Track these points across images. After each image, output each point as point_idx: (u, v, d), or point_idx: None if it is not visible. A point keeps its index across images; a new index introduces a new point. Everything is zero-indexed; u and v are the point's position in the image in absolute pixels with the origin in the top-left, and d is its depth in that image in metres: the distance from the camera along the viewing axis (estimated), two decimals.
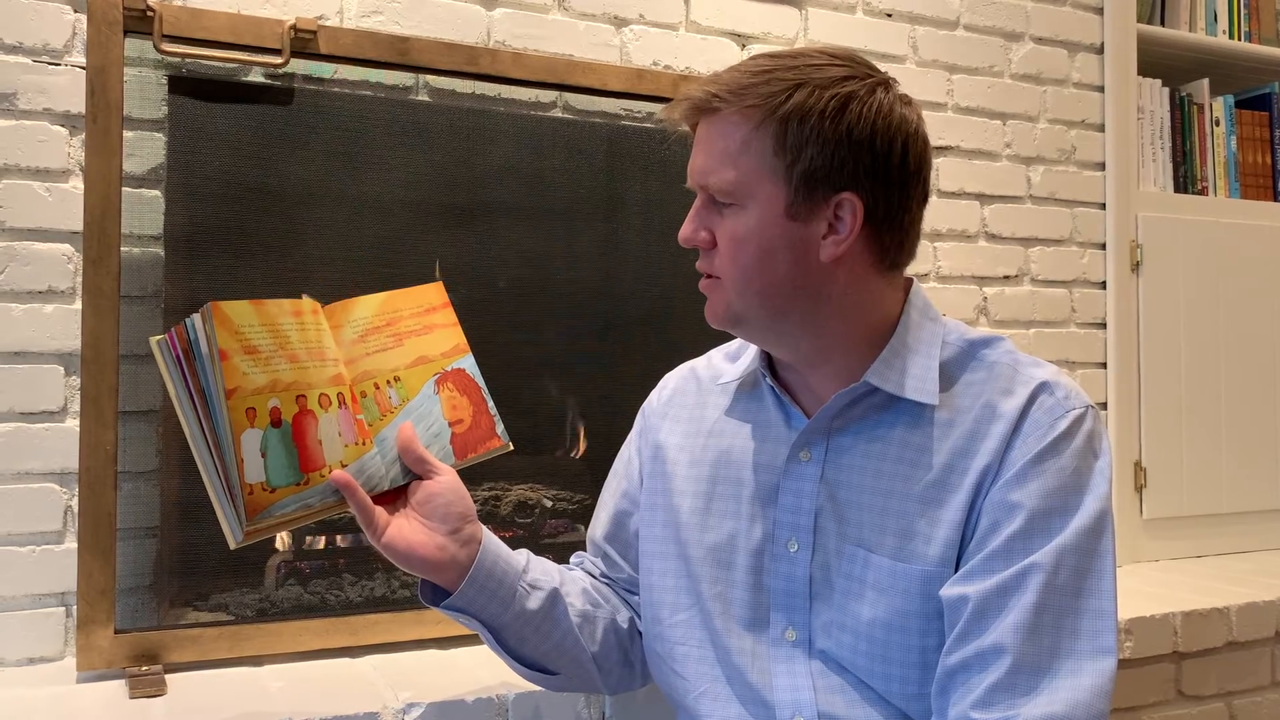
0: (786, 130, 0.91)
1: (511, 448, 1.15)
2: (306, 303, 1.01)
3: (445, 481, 1.02)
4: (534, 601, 1.05)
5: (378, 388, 1.03)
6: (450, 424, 1.08)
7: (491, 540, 1.04)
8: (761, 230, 0.93)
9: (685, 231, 0.98)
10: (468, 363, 1.12)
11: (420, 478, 1.03)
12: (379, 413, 1.02)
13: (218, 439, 0.91)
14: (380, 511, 0.98)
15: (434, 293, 1.12)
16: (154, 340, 0.94)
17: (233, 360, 0.91)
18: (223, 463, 0.91)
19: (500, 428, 1.13)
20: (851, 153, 0.92)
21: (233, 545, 0.92)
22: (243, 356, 0.92)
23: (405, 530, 0.99)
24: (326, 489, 0.96)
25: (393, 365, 1.06)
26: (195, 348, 0.92)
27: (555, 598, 1.07)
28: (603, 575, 1.18)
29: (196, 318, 0.92)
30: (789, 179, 0.92)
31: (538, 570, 1.08)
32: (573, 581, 1.12)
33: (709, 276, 0.99)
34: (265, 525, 0.93)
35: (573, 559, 1.22)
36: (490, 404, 1.13)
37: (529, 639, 1.06)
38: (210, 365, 0.91)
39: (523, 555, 1.08)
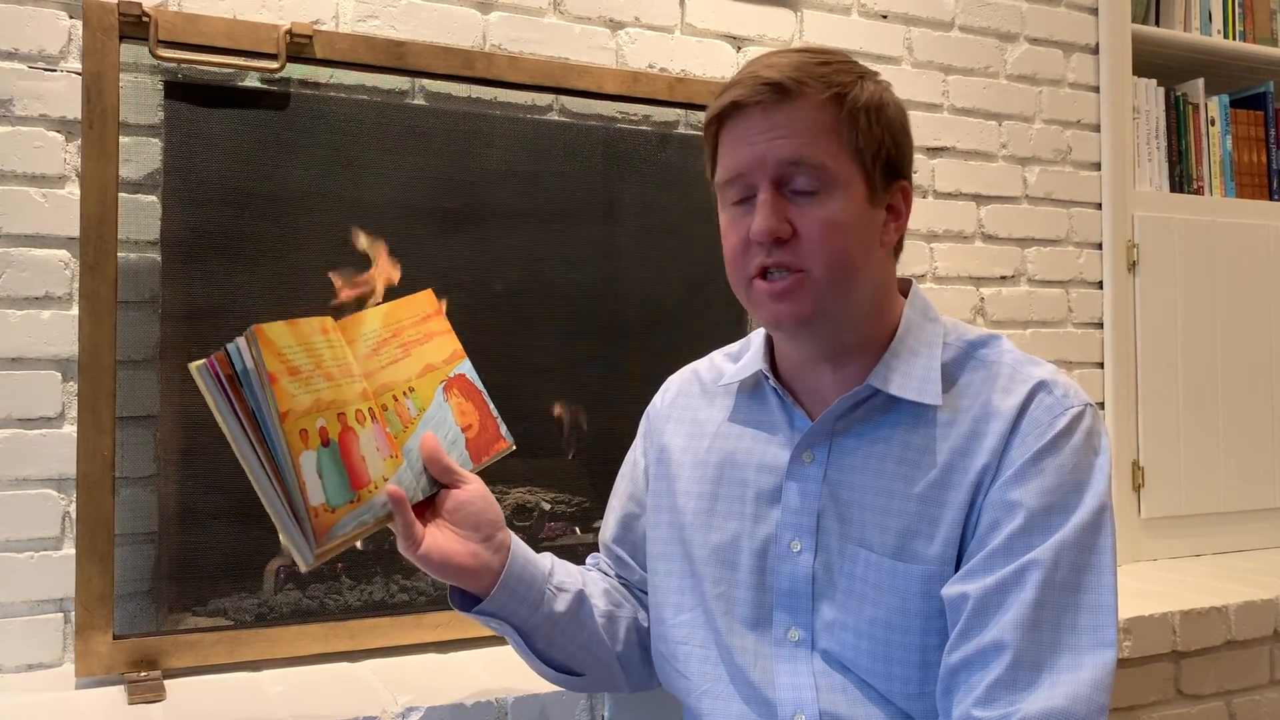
0: (863, 120, 0.93)
1: (515, 447, 1.15)
2: (325, 320, 1.00)
3: (474, 489, 1.02)
4: (561, 604, 1.06)
5: (396, 400, 1.03)
6: (463, 430, 1.08)
7: (519, 544, 1.05)
8: (852, 216, 0.93)
9: (768, 223, 0.91)
10: (466, 367, 1.13)
11: (447, 487, 1.03)
12: (401, 425, 1.02)
13: (277, 464, 0.89)
14: (418, 524, 0.98)
15: (426, 301, 1.12)
16: (194, 366, 0.90)
17: (281, 383, 0.90)
18: (284, 487, 0.90)
19: (504, 429, 1.14)
20: (907, 142, 0.97)
21: (304, 569, 0.91)
22: (289, 379, 0.91)
23: (440, 540, 0.99)
24: (376, 504, 0.95)
25: (405, 376, 1.05)
26: (242, 372, 0.89)
27: (581, 599, 1.08)
28: (617, 576, 1.18)
29: (241, 342, 0.89)
30: (873, 166, 0.94)
31: (562, 573, 1.09)
32: (594, 583, 1.13)
33: (792, 271, 0.93)
34: (331, 546, 0.92)
35: (588, 560, 1.22)
36: (492, 406, 1.13)
37: (556, 640, 1.07)
38: (261, 390, 0.89)
39: (547, 559, 1.09)
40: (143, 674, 1.33)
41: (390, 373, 1.04)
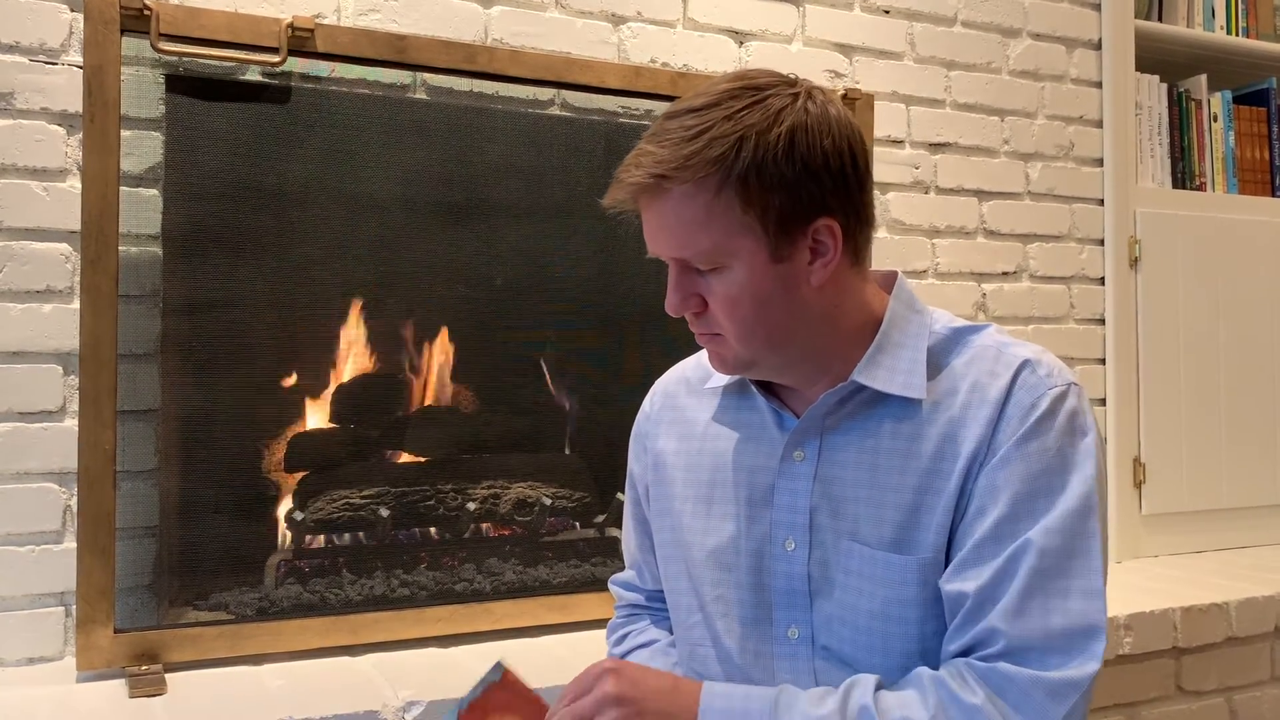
0: (747, 187, 0.90)
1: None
2: None
3: None
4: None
5: None
6: None
7: None
8: (753, 283, 0.92)
9: (673, 302, 0.95)
10: (493, 674, 0.93)
11: None
12: None
13: None
14: None
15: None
16: None
17: None
18: None
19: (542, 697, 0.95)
20: (814, 183, 0.91)
21: None
22: None
23: None
24: None
25: None
26: None
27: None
28: (647, 593, 1.17)
29: None
30: (765, 229, 0.91)
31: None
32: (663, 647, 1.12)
33: (711, 333, 0.97)
34: None
35: (616, 609, 1.19)
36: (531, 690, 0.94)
37: None
38: None
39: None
40: (144, 668, 1.33)
41: None
